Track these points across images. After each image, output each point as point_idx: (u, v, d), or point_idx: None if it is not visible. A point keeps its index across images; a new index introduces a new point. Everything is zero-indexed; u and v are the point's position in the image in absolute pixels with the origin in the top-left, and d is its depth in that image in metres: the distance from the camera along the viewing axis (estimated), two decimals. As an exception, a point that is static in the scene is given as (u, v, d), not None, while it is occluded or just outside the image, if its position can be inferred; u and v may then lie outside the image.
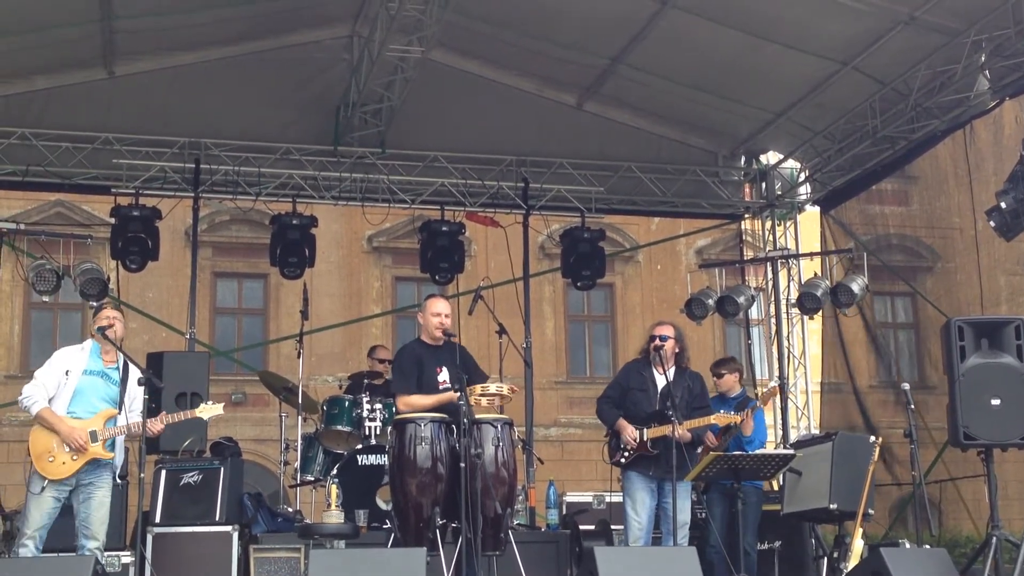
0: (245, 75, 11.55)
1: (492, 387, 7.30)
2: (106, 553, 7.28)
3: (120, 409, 7.11)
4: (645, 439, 7.68)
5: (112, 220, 11.56)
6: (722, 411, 8.12)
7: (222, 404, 7.49)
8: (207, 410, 7.44)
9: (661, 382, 7.85)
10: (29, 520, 6.91)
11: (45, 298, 11.54)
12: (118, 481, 7.48)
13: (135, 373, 7.27)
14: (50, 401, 7.02)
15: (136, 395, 7.17)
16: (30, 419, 7.09)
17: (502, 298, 9.93)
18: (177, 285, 16.95)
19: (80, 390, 7.07)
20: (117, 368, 7.24)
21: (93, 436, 7.00)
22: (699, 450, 8.20)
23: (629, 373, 8.01)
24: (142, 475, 7.32)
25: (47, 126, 11.38)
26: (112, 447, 7.07)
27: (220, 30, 11.16)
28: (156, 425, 7.13)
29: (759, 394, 8.83)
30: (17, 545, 6.91)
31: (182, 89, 11.51)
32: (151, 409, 7.09)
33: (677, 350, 8.02)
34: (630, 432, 7.69)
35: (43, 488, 6.89)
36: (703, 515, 8.65)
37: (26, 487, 6.96)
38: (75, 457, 6.98)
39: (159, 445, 8.97)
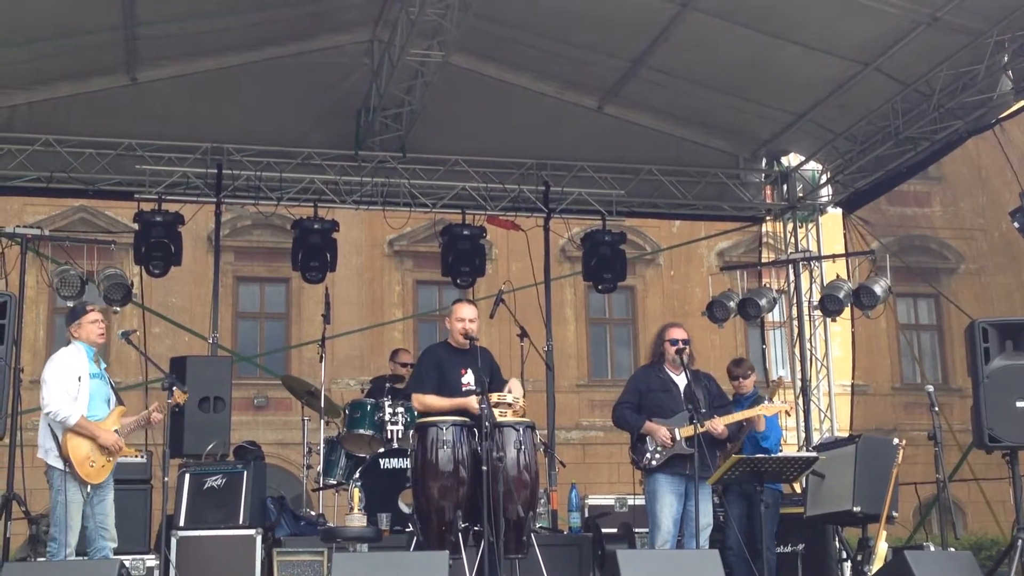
0: (266, 80, 11.59)
1: (508, 397, 7.32)
2: (131, 556, 7.34)
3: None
4: (679, 438, 7.65)
5: (135, 226, 11.62)
6: (736, 411, 8.09)
7: (186, 393, 7.55)
8: (180, 397, 7.49)
9: (682, 383, 7.84)
10: (72, 527, 6.97)
11: (70, 304, 11.59)
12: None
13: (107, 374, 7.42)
14: None
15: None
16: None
17: (523, 301, 9.94)
18: (200, 290, 17.02)
19: (92, 394, 7.19)
20: (104, 367, 7.39)
21: (119, 434, 7.13)
22: (718, 453, 8.18)
23: (647, 377, 7.97)
24: (166, 479, 7.37)
25: (71, 132, 11.46)
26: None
27: (241, 36, 11.21)
28: (156, 415, 7.26)
29: (770, 389, 8.79)
30: (58, 552, 6.92)
31: (204, 95, 11.57)
32: (174, 413, 7.17)
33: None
34: (665, 432, 7.64)
35: (88, 494, 6.99)
36: (722, 518, 8.62)
37: (60, 495, 6.98)
38: (110, 459, 7.14)
39: (183, 449, 9.03)
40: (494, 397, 7.23)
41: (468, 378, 7.50)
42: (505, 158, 12.36)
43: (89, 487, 7.01)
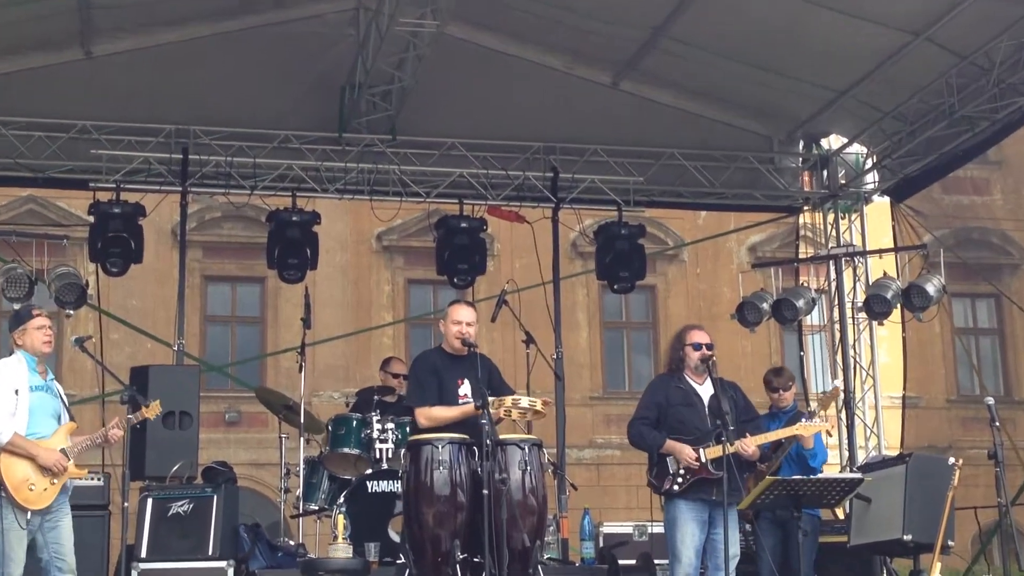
0: (238, 54, 11.59)
1: (524, 400, 7.31)
2: (87, 592, 7.33)
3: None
4: (704, 459, 7.62)
5: (90, 218, 11.62)
6: (773, 428, 8.09)
7: (158, 401, 7.51)
8: (153, 410, 7.46)
9: (706, 395, 7.82)
10: (14, 559, 6.90)
11: (16, 306, 11.60)
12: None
13: (58, 386, 7.38)
14: None
15: (65, 408, 7.32)
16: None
17: (529, 303, 9.96)
18: (163, 291, 17.03)
19: (32, 409, 7.11)
20: (52, 379, 7.34)
21: (64, 455, 7.07)
22: (746, 475, 8.17)
23: (666, 388, 7.92)
24: (126, 504, 7.37)
25: (17, 113, 11.46)
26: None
27: (210, 4, 11.22)
28: (116, 431, 7.20)
29: (823, 397, 8.76)
30: None
31: (168, 71, 11.57)
32: (135, 431, 7.16)
33: None
34: (689, 453, 7.61)
35: (28, 521, 6.95)
36: (752, 547, 8.61)
37: None
38: (54, 481, 7.06)
39: (144, 471, 9.03)
40: (507, 402, 7.24)
41: (465, 388, 7.51)
42: (508, 141, 12.36)
43: (29, 513, 6.97)
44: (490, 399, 7.20)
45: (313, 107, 11.96)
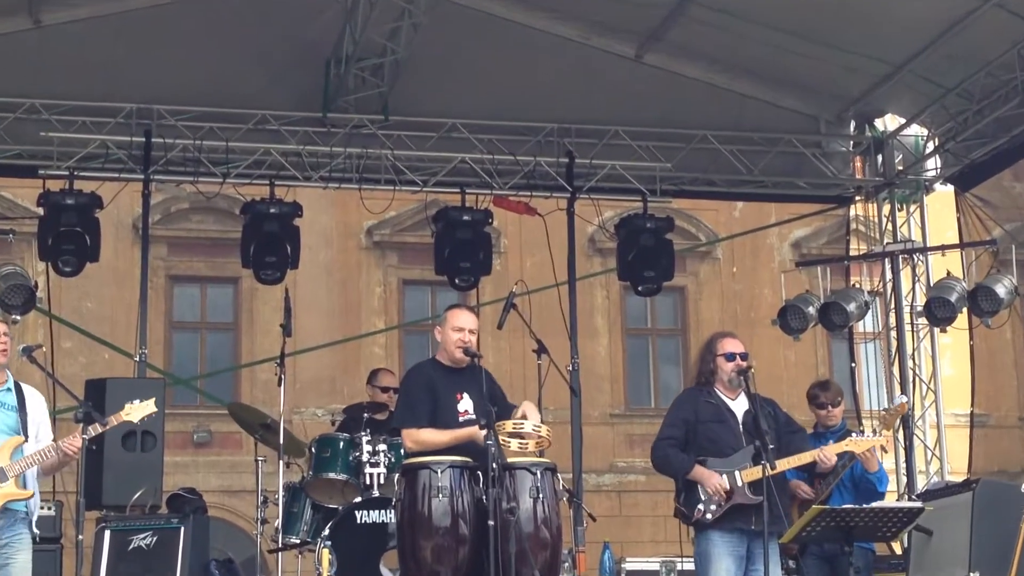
0: (208, 23, 11.62)
1: (527, 424, 7.30)
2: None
3: (26, 437, 7.14)
4: (741, 483, 7.62)
5: (40, 210, 11.65)
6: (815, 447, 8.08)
7: (152, 400, 7.46)
8: (135, 410, 7.41)
9: (739, 409, 7.82)
10: None
11: (-45, 311, 11.65)
12: (35, 537, 7.45)
13: (34, 396, 7.32)
14: None
15: (42, 421, 7.22)
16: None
17: (541, 307, 9.94)
18: (123, 293, 17.04)
19: None
20: (9, 390, 7.27)
21: (1, 474, 7.02)
22: (792, 502, 8.17)
23: (695, 403, 7.92)
24: (80, 536, 7.38)
25: (-44, 91, 11.53)
26: (24, 485, 7.09)
27: (176, -35, 11.26)
28: (73, 444, 7.12)
29: (886, 414, 8.73)
30: None
31: (129, 42, 11.60)
32: (90, 452, 7.12)
33: None
34: (716, 481, 7.61)
35: None
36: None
37: None
38: None
39: (101, 499, 9.03)
40: (508, 426, 7.23)
41: (466, 404, 7.50)
42: (517, 122, 12.39)
43: None
44: None
45: (294, 83, 11.98)
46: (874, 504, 8.07)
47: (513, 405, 7.64)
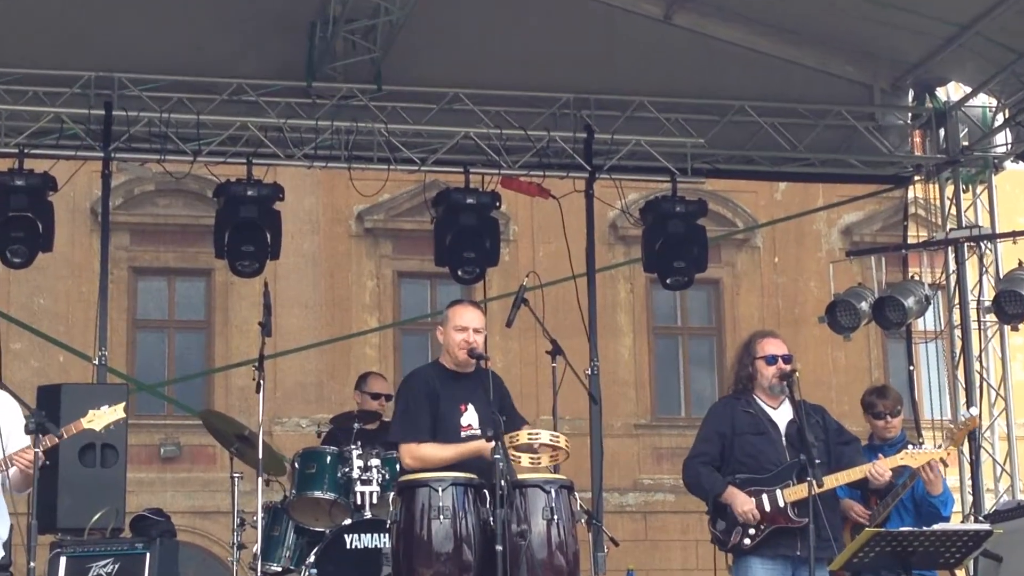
0: (177, -21, 11.66)
1: (544, 434, 7.30)
2: None
3: None
4: (784, 504, 7.62)
5: (-15, 193, 11.69)
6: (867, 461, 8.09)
7: (122, 404, 7.46)
8: (99, 417, 7.42)
9: (782, 420, 7.82)
10: None
11: None
12: None
13: (6, 402, 7.35)
14: None
15: (11, 432, 7.24)
16: None
17: (556, 303, 9.94)
18: (80, 287, 17.09)
19: None
20: None
21: None
22: (845, 523, 8.17)
23: (731, 414, 7.92)
24: (32, 564, 7.39)
25: None
26: None
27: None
28: (23, 457, 7.14)
29: (953, 428, 8.72)
30: None
31: (87, 1, 11.59)
32: (43, 469, 7.12)
33: None
34: (747, 506, 7.62)
35: None
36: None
37: None
38: None
39: (57, 521, 9.05)
40: (521, 437, 7.23)
41: (470, 417, 7.51)
42: (528, 91, 12.39)
43: None
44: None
45: (274, 48, 11.99)
46: (935, 527, 8.07)
47: (524, 419, 7.66)
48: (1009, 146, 13.10)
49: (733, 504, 7.66)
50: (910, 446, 8.15)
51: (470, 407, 7.54)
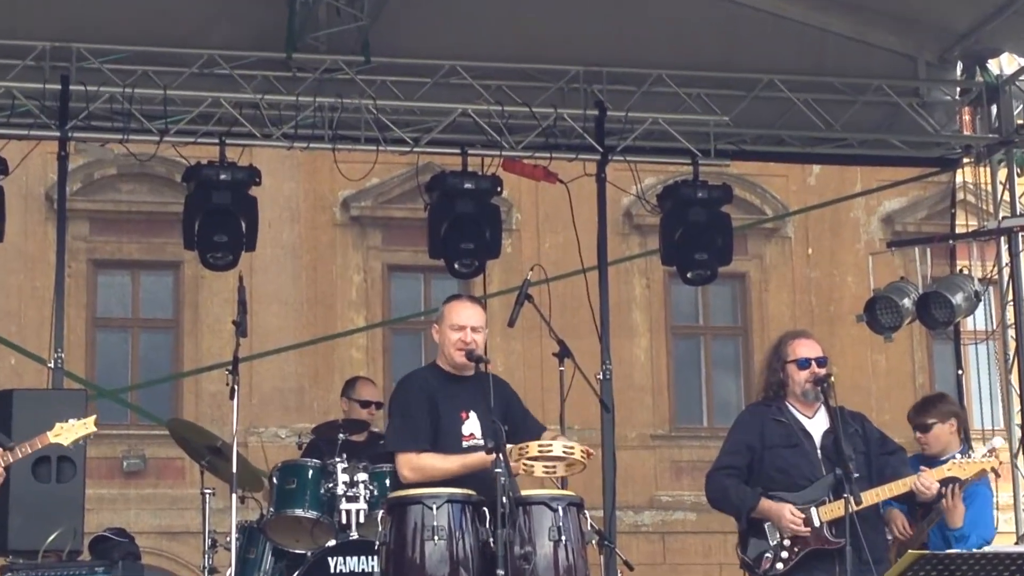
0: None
1: (556, 446, 7.31)
2: None
3: None
4: (819, 523, 7.64)
5: (-71, 178, 11.71)
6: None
7: (93, 418, 7.47)
8: (67, 431, 7.42)
9: (817, 430, 7.83)
10: None
11: None
12: None
13: None
14: None
15: None
16: None
17: (564, 299, 9.98)
18: (33, 282, 17.11)
19: None
20: None
21: None
22: (890, 540, 8.18)
23: (761, 423, 7.92)
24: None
25: None
26: None
27: None
28: None
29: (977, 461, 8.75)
30: None
31: (40, -37, 11.66)
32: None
33: None
34: (791, 516, 7.63)
35: None
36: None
37: None
38: None
39: (7, 543, 9.06)
40: (532, 449, 7.24)
41: (472, 425, 7.52)
42: (533, 64, 12.40)
43: None
44: (508, 446, 7.19)
45: (250, 15, 12.01)
46: (987, 549, 8.08)
47: (542, 426, 7.65)
48: (1069, 125, 13.14)
49: (774, 516, 7.65)
50: (957, 455, 8.16)
51: (472, 415, 7.55)
